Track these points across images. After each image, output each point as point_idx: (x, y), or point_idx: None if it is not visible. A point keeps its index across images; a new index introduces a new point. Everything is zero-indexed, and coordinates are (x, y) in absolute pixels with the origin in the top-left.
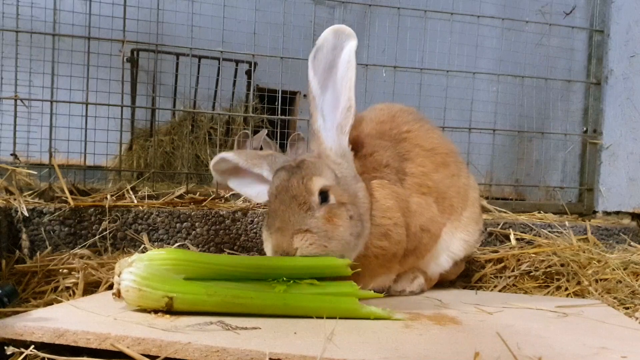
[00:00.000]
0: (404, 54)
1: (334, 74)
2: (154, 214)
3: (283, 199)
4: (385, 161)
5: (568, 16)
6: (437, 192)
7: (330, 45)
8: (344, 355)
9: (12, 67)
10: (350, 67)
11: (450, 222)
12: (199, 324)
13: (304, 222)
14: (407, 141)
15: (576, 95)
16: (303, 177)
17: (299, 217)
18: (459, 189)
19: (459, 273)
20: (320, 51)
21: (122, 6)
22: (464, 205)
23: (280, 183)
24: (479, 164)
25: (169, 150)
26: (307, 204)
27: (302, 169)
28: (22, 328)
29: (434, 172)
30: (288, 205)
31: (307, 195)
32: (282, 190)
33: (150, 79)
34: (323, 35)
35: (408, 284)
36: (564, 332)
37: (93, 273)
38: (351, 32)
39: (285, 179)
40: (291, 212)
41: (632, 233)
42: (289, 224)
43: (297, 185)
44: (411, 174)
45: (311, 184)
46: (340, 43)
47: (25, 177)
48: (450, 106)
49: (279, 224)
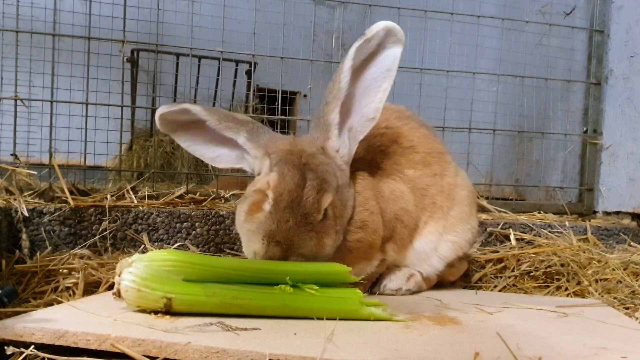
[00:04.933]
0: (404, 54)
1: (368, 71)
2: (154, 214)
3: (295, 213)
4: (361, 153)
5: (568, 16)
6: (412, 186)
7: (378, 39)
8: (344, 356)
9: (12, 67)
10: (389, 76)
11: (435, 221)
12: (199, 324)
13: (303, 245)
14: (384, 137)
15: (576, 95)
16: (318, 191)
17: (302, 239)
18: (443, 188)
19: (459, 275)
20: (368, 43)
21: (122, 6)
22: (451, 204)
23: (295, 189)
24: (479, 164)
25: (169, 150)
26: (309, 218)
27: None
28: (22, 329)
29: (409, 169)
30: (298, 222)
31: (316, 215)
32: (295, 200)
33: (150, 79)
34: (374, 28)
35: (404, 283)
36: (564, 332)
37: (93, 273)
38: (402, 37)
39: (300, 184)
40: (298, 230)
41: (632, 233)
42: (291, 243)
43: (312, 202)
44: (383, 168)
45: (322, 202)
46: (387, 43)
47: (25, 177)
48: (450, 106)
49: (280, 237)
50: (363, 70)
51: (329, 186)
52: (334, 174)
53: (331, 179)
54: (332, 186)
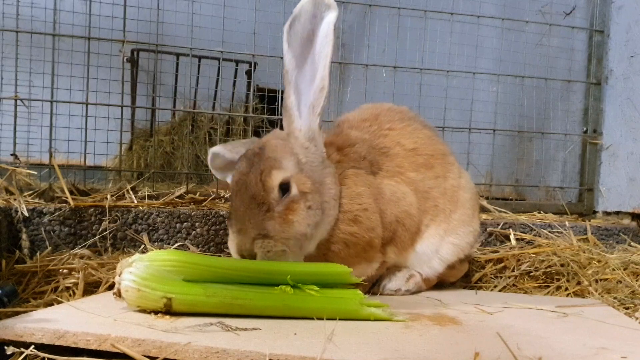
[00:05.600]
0: (404, 54)
1: (313, 47)
2: (154, 214)
3: (242, 198)
4: (363, 154)
5: (568, 16)
6: (415, 189)
7: (309, 14)
8: (344, 356)
9: (12, 67)
10: (328, 42)
11: (437, 224)
12: (199, 325)
13: (262, 226)
14: (387, 138)
15: (576, 95)
16: (262, 172)
17: (258, 219)
18: (446, 191)
19: (459, 276)
20: (297, 21)
21: (122, 6)
22: (454, 207)
23: (240, 178)
24: (479, 164)
25: (169, 151)
26: (265, 204)
27: (262, 159)
28: (22, 329)
29: (412, 171)
30: (247, 205)
31: (265, 194)
32: (241, 187)
33: (150, 79)
34: (300, 4)
35: (403, 283)
36: (564, 332)
37: (93, 273)
38: (331, 2)
39: (245, 172)
40: (250, 214)
41: (632, 233)
42: (248, 226)
43: (255, 183)
44: (385, 169)
45: (270, 181)
46: (319, 13)
47: (25, 177)
48: (450, 106)
49: (239, 225)
50: (309, 48)
51: (278, 164)
52: (292, 153)
53: (285, 157)
54: (286, 164)
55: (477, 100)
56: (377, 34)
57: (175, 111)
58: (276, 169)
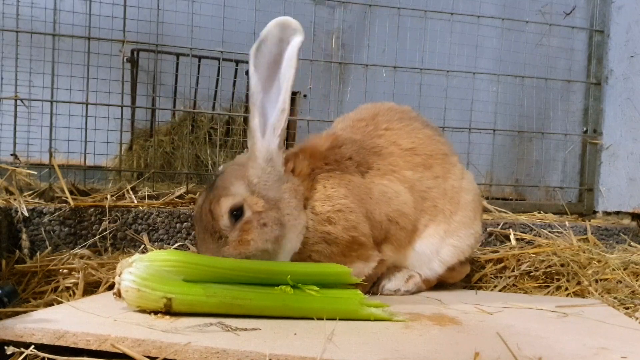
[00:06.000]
0: (404, 54)
1: (279, 70)
2: (154, 214)
3: (199, 230)
4: (349, 154)
5: (568, 16)
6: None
7: (275, 38)
8: (344, 356)
9: (12, 67)
10: (291, 65)
11: (436, 224)
12: (199, 325)
13: (219, 252)
14: (382, 138)
15: (576, 95)
16: (210, 202)
17: (213, 248)
18: (445, 191)
19: (460, 278)
20: (264, 44)
21: (122, 6)
22: (454, 208)
23: (196, 210)
24: (479, 164)
25: (169, 151)
26: (217, 232)
27: (212, 189)
28: (22, 329)
29: (408, 170)
30: (202, 237)
31: (215, 223)
32: (197, 219)
33: (150, 79)
34: (267, 27)
35: (402, 284)
36: (564, 332)
37: (93, 273)
38: (298, 27)
39: (200, 204)
40: (206, 245)
41: (632, 233)
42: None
43: (205, 213)
44: (377, 168)
45: (218, 209)
46: (286, 37)
47: (25, 177)
48: (450, 106)
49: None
50: (276, 71)
51: (226, 191)
52: (243, 177)
53: (233, 183)
54: (234, 190)
55: (477, 100)
56: (377, 34)
57: (175, 111)
58: (224, 197)
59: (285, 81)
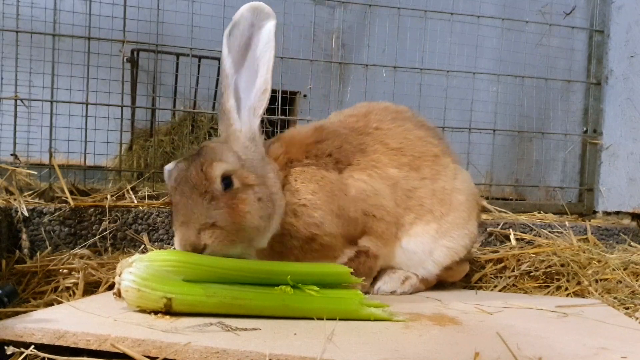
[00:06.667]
0: (404, 54)
1: (251, 52)
2: (154, 214)
3: (183, 191)
4: (330, 151)
5: (568, 16)
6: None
7: (247, 22)
8: (344, 356)
9: (12, 67)
10: (270, 48)
11: (425, 223)
12: (199, 325)
13: (209, 215)
14: (370, 136)
15: (576, 95)
16: (202, 164)
17: (203, 208)
18: (434, 192)
19: (460, 277)
20: (236, 28)
21: (122, 6)
22: (446, 209)
23: (179, 174)
24: (479, 164)
25: (169, 150)
26: (209, 193)
27: (200, 155)
28: (22, 330)
29: (393, 168)
30: (189, 196)
31: (207, 183)
32: (181, 182)
33: (150, 79)
34: (240, 11)
35: (398, 285)
36: (564, 332)
37: (93, 273)
38: (270, 11)
39: (184, 168)
40: (193, 203)
41: (632, 233)
42: (192, 216)
43: (196, 173)
44: (356, 164)
45: (211, 170)
46: (258, 21)
47: (25, 177)
48: (450, 106)
49: (182, 217)
50: (247, 53)
51: (217, 156)
52: (230, 150)
53: (225, 152)
54: (225, 157)
55: (477, 100)
56: (377, 34)
57: (175, 111)
58: (217, 161)
59: (265, 63)
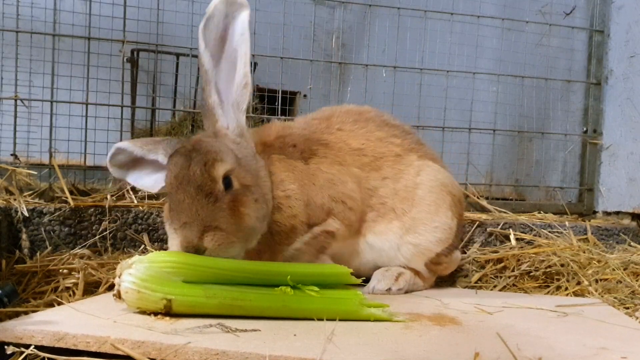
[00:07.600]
0: (404, 54)
1: (227, 45)
2: (154, 214)
3: (187, 190)
4: (293, 142)
5: (568, 16)
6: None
7: (221, 14)
8: (344, 356)
9: (12, 67)
10: (244, 40)
11: (387, 221)
12: (199, 326)
13: (213, 217)
14: (332, 135)
15: (576, 95)
16: (205, 164)
17: (208, 210)
18: (396, 191)
19: (450, 269)
20: (210, 20)
21: (122, 6)
22: (408, 206)
23: (180, 171)
24: (479, 164)
25: None
26: (213, 194)
27: (200, 152)
28: (22, 331)
29: (356, 168)
30: (194, 197)
31: (212, 184)
32: (183, 180)
33: (150, 79)
34: (212, 3)
35: (392, 282)
36: (564, 332)
37: (93, 273)
38: (244, 1)
39: (185, 166)
40: (199, 205)
41: (632, 233)
42: (197, 218)
43: (200, 173)
44: (322, 155)
45: (214, 171)
46: (232, 12)
47: (25, 177)
48: (450, 106)
49: (185, 218)
50: (224, 47)
51: (219, 156)
52: (227, 148)
53: (223, 150)
54: (226, 157)
55: (477, 100)
56: (377, 34)
57: (175, 111)
58: (219, 162)
59: (242, 56)
